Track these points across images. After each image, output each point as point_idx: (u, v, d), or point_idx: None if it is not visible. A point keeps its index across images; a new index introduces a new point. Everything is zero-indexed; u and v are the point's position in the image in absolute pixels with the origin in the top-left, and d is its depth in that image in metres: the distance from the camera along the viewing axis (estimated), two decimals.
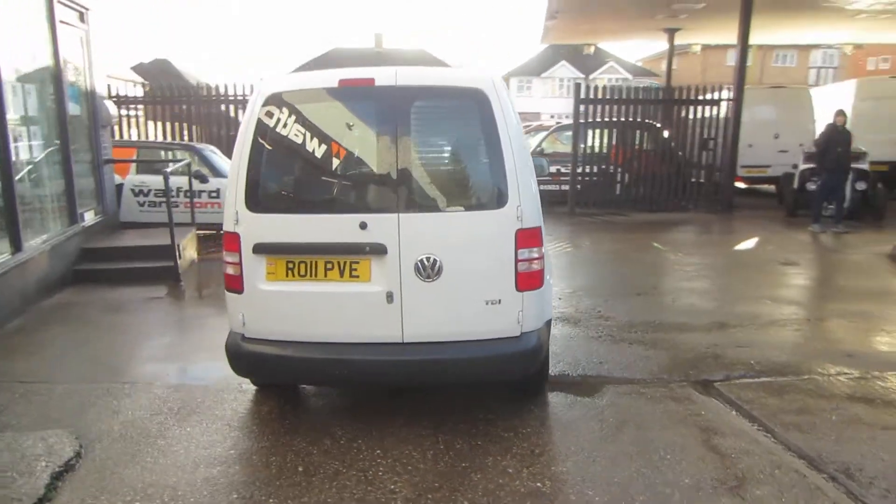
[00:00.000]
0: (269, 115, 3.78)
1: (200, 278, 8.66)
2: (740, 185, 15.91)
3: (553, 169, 13.67)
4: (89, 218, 8.83)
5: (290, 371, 3.90)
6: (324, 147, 3.79)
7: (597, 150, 14.50)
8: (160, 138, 14.76)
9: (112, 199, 9.76)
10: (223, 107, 14.80)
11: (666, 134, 14.81)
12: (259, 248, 3.77)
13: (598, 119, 14.49)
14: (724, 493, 3.26)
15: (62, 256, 7.63)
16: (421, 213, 3.70)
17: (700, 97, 14.78)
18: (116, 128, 14.02)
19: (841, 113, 11.41)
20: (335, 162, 3.81)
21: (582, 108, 14.10)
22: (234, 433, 3.98)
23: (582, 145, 14.26)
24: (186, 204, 10.19)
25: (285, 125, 3.78)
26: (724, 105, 14.63)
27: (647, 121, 14.84)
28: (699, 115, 14.91)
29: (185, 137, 14.64)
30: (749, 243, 10.46)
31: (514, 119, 3.71)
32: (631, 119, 14.57)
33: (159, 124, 14.87)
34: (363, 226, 3.64)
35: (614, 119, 14.47)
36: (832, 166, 11.21)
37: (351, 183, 3.85)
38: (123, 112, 14.34)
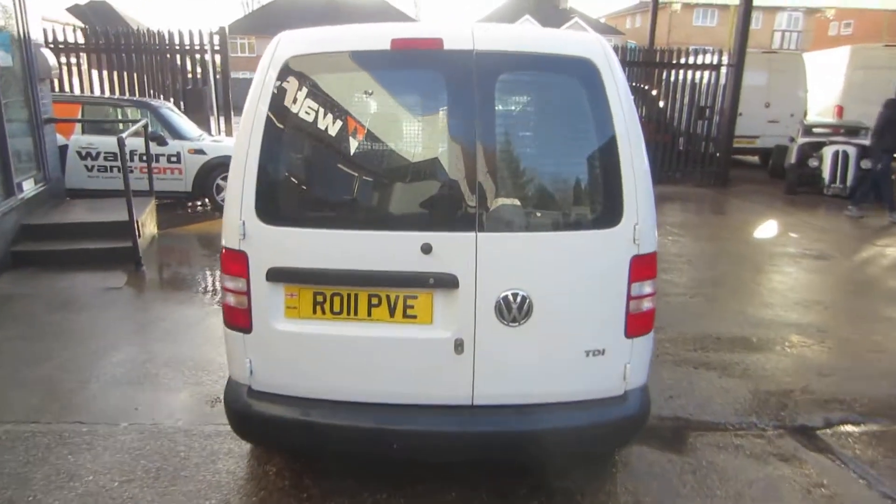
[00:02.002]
0: (289, 88, 2.69)
1: (164, 259, 7.50)
2: None
3: None
4: (28, 188, 7.52)
5: (315, 440, 2.89)
6: (369, 136, 2.73)
7: None
8: (106, 91, 13.14)
9: (55, 163, 8.42)
10: (177, 57, 13.21)
11: (661, 104, 13.93)
12: (276, 275, 2.72)
13: None
14: None
15: None
16: (507, 233, 2.69)
17: (689, 60, 13.90)
18: (56, 80, 12.43)
19: None
20: (385, 157, 2.77)
21: None
22: None
23: None
24: (143, 170, 8.92)
25: (312, 104, 2.70)
26: (717, 71, 13.83)
27: (643, 86, 13.93)
28: (695, 80, 14.04)
29: (136, 90, 13.04)
30: (767, 228, 9.70)
31: (630, 102, 2.72)
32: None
33: (105, 74, 13.20)
34: (426, 249, 2.62)
35: None
36: (890, 146, 10.14)
37: (409, 188, 2.78)
38: (63, 61, 12.67)
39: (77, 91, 12.97)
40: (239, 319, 2.82)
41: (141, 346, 4.89)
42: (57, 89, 12.56)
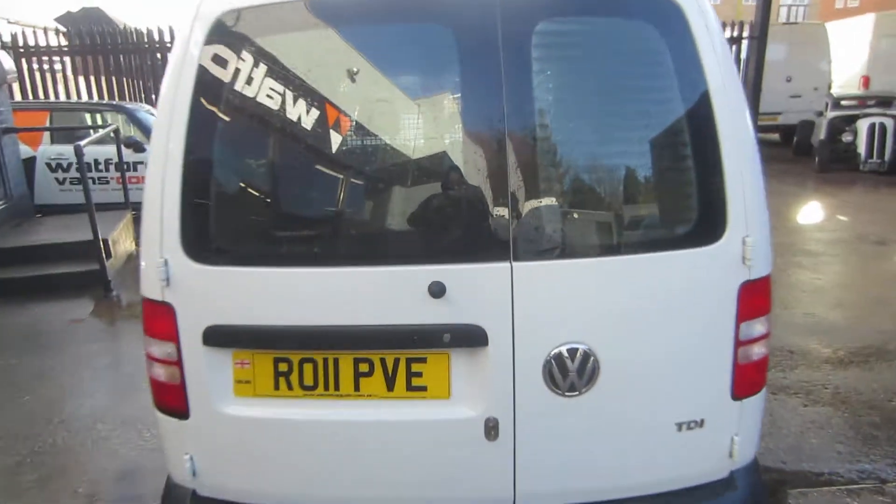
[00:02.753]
0: (220, 60, 1.81)
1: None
2: None
3: None
4: None
5: None
6: (343, 124, 1.85)
7: None
8: (86, 97, 12.32)
9: (19, 178, 7.56)
10: (158, 56, 12.38)
11: None
12: (217, 336, 1.85)
13: None
14: None
15: None
16: (557, 261, 1.81)
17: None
18: (29, 87, 11.63)
19: None
20: (371, 155, 1.88)
21: None
22: None
23: None
24: (118, 180, 8.07)
25: (256, 79, 1.81)
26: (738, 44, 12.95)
27: None
28: None
29: (116, 94, 12.23)
30: (811, 212, 8.78)
31: (728, 59, 1.83)
32: None
33: (83, 78, 12.39)
34: (437, 290, 1.74)
35: None
36: None
37: (408, 202, 1.88)
38: (35, 66, 11.87)
39: (64, 98, 12.17)
40: (170, 400, 1.96)
41: (94, 398, 4.04)
42: (31, 97, 11.80)
